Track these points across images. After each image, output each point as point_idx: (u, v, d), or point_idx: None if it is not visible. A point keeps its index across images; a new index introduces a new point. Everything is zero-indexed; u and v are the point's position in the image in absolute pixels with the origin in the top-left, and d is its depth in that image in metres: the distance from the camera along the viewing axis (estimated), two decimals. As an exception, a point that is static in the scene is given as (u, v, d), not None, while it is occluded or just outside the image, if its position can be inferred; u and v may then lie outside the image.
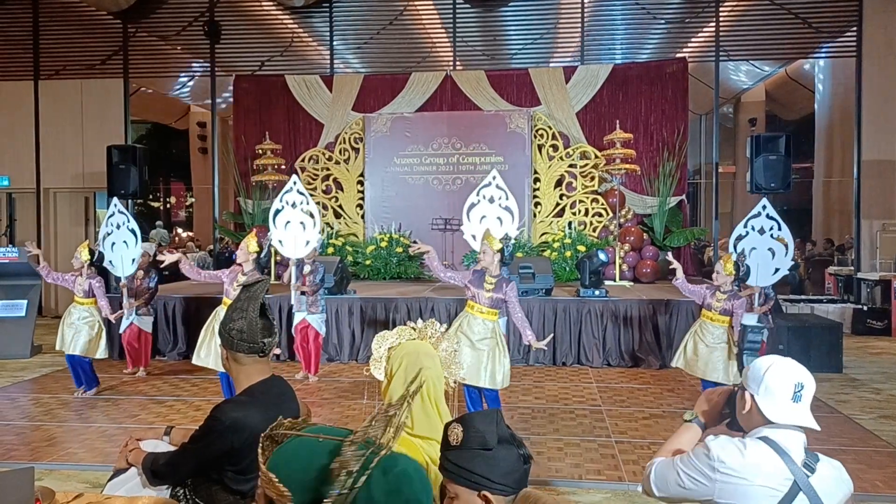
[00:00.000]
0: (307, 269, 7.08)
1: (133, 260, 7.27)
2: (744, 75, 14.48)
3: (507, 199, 7.21)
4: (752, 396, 1.97)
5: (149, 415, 6.00)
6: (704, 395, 2.23)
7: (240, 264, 6.01)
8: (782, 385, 1.92)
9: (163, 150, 19.56)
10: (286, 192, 7.31)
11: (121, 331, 7.38)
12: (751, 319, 5.97)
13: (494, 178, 7.30)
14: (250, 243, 6.01)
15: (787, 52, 11.93)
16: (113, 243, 7.25)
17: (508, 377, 5.26)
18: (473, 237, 7.07)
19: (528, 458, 1.66)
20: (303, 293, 7.06)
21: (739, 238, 6.64)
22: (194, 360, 6.09)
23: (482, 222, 6.99)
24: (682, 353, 5.85)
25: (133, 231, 7.30)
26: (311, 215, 7.22)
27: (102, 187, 10.64)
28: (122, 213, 7.40)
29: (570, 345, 7.98)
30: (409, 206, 11.14)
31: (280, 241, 7.25)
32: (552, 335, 6.63)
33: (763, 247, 6.49)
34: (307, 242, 7.15)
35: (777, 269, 6.53)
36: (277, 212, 7.29)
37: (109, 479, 2.56)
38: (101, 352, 6.75)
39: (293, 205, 7.23)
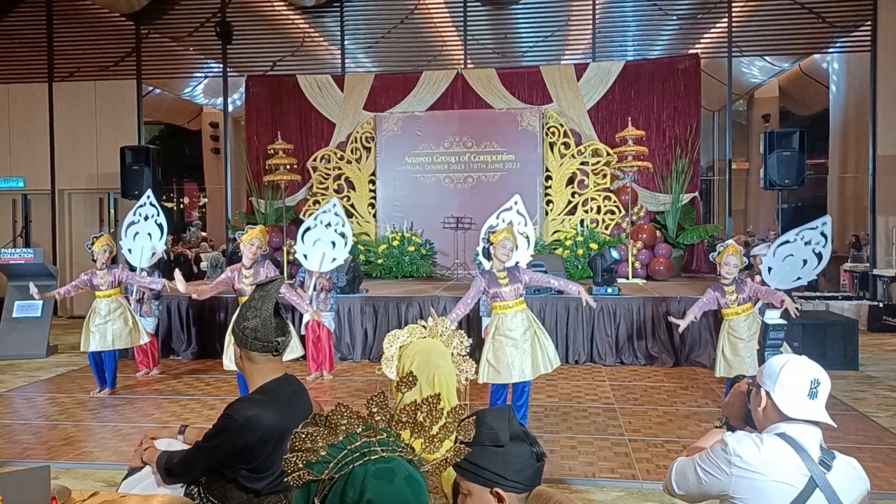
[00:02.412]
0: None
1: (153, 254, 7.31)
2: (757, 71, 14.38)
3: (525, 225, 6.98)
4: (767, 393, 1.96)
5: (163, 414, 6.03)
6: (729, 397, 2.23)
7: (242, 262, 5.93)
8: (799, 381, 1.92)
9: (175, 150, 19.66)
10: (323, 212, 7.25)
11: None
12: (773, 317, 5.92)
13: (517, 202, 7.06)
14: (264, 241, 5.98)
15: (800, 47, 11.83)
16: (136, 233, 7.28)
17: (557, 356, 5.33)
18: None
19: (541, 456, 1.65)
20: (322, 290, 7.07)
21: (785, 242, 6.49)
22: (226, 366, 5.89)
23: None
24: (720, 360, 5.66)
25: (160, 225, 7.35)
26: (345, 237, 7.19)
27: (116, 188, 10.73)
28: (153, 205, 7.45)
29: (582, 343, 7.95)
30: (420, 204, 11.14)
31: (304, 256, 7.19)
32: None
33: (799, 256, 6.33)
34: (333, 260, 7.15)
35: (799, 278, 6.41)
36: (308, 229, 7.23)
37: (124, 478, 2.58)
38: (144, 336, 6.86)
39: (327, 224, 7.22)
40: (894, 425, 5.51)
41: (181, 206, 22.58)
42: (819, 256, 6.36)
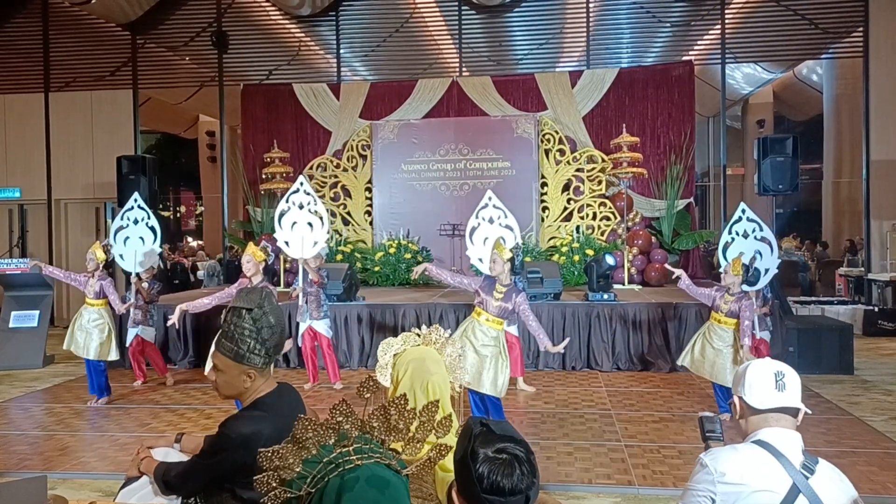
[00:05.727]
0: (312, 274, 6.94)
1: (146, 257, 7.15)
2: (743, 79, 14.46)
3: (506, 217, 7.03)
4: (739, 398, 2.02)
5: (160, 423, 6.03)
6: None
7: (247, 276, 5.97)
8: (763, 377, 1.99)
9: (172, 159, 19.73)
10: (293, 192, 7.16)
11: (126, 344, 7.28)
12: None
13: (490, 198, 7.10)
14: (256, 253, 6.00)
15: (793, 53, 11.91)
16: (127, 237, 7.14)
17: (507, 386, 5.26)
18: (480, 260, 6.89)
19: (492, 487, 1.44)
20: (313, 284, 6.91)
21: (726, 245, 6.46)
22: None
23: (486, 244, 6.83)
24: (689, 352, 5.92)
25: (152, 228, 7.20)
26: (319, 216, 7.12)
27: (113, 198, 10.74)
28: (142, 208, 7.27)
29: (579, 349, 7.97)
30: (417, 212, 11.17)
31: (286, 243, 7.13)
32: (568, 339, 6.11)
33: (750, 250, 6.35)
34: (315, 243, 7.07)
35: (767, 270, 6.41)
36: (283, 213, 7.18)
37: (121, 488, 2.58)
38: (113, 354, 6.79)
39: (300, 206, 7.13)
40: (889, 429, 5.52)
41: (178, 214, 22.57)
42: (765, 241, 6.34)
